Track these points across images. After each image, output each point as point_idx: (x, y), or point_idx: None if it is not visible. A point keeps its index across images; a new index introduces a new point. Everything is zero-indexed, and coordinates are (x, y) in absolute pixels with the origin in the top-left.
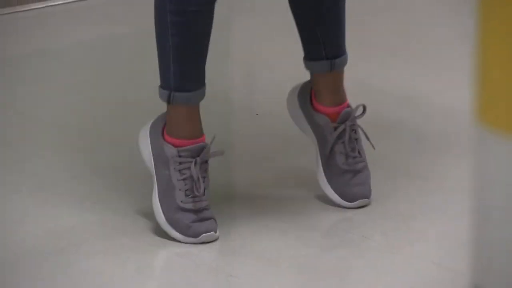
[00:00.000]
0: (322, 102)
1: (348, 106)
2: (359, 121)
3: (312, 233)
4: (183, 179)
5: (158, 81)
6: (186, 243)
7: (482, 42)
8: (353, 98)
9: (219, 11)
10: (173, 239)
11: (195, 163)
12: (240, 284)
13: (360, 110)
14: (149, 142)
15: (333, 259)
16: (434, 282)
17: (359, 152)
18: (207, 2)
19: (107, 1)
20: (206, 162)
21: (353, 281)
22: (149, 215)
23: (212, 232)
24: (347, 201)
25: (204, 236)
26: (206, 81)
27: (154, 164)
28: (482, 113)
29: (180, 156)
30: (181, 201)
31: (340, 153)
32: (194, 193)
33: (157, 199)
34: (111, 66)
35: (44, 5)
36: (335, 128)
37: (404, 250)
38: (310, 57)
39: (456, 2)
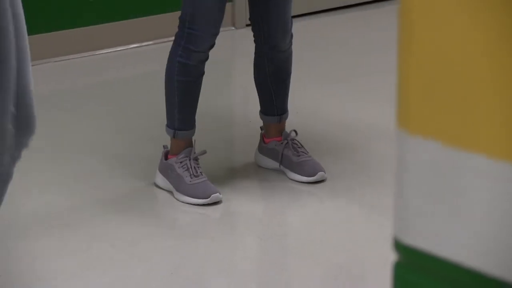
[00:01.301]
0: (271, 137)
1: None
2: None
3: (285, 198)
4: (185, 170)
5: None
6: (202, 204)
7: (400, 56)
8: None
9: (225, 53)
10: (193, 205)
11: (189, 159)
12: (240, 228)
13: (293, 133)
14: (160, 174)
15: (298, 214)
16: (366, 230)
17: (304, 153)
18: (199, 76)
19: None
20: (196, 159)
21: (308, 227)
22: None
23: (218, 193)
24: (310, 176)
25: (213, 196)
26: (217, 99)
27: (167, 179)
28: (400, 120)
29: (179, 159)
30: (189, 181)
31: (291, 155)
32: (195, 174)
33: (177, 192)
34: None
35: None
36: (282, 143)
37: (347, 210)
38: (265, 113)
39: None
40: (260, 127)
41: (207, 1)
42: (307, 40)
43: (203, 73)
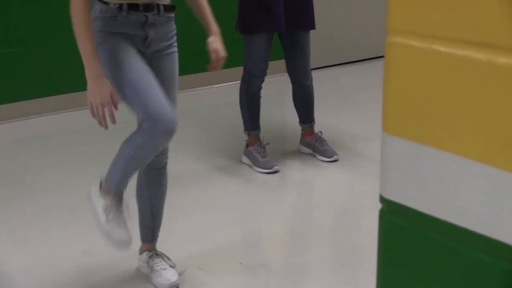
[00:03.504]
0: (307, 135)
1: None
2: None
3: (315, 170)
4: (258, 153)
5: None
6: (268, 173)
7: (384, 88)
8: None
9: (280, 89)
10: (263, 173)
11: (260, 147)
12: (289, 187)
13: (320, 133)
14: (244, 156)
15: (321, 179)
16: (362, 188)
17: (326, 144)
18: (258, 99)
19: None
20: (264, 147)
21: (327, 186)
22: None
23: (277, 166)
24: (329, 157)
25: (274, 168)
26: (275, 116)
27: (248, 158)
28: (383, 125)
29: (254, 147)
30: (261, 160)
31: (318, 145)
32: (263, 156)
33: (254, 166)
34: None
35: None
36: (313, 139)
37: (351, 176)
38: (302, 122)
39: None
40: (301, 130)
41: (257, 59)
42: (328, 83)
43: (260, 97)
